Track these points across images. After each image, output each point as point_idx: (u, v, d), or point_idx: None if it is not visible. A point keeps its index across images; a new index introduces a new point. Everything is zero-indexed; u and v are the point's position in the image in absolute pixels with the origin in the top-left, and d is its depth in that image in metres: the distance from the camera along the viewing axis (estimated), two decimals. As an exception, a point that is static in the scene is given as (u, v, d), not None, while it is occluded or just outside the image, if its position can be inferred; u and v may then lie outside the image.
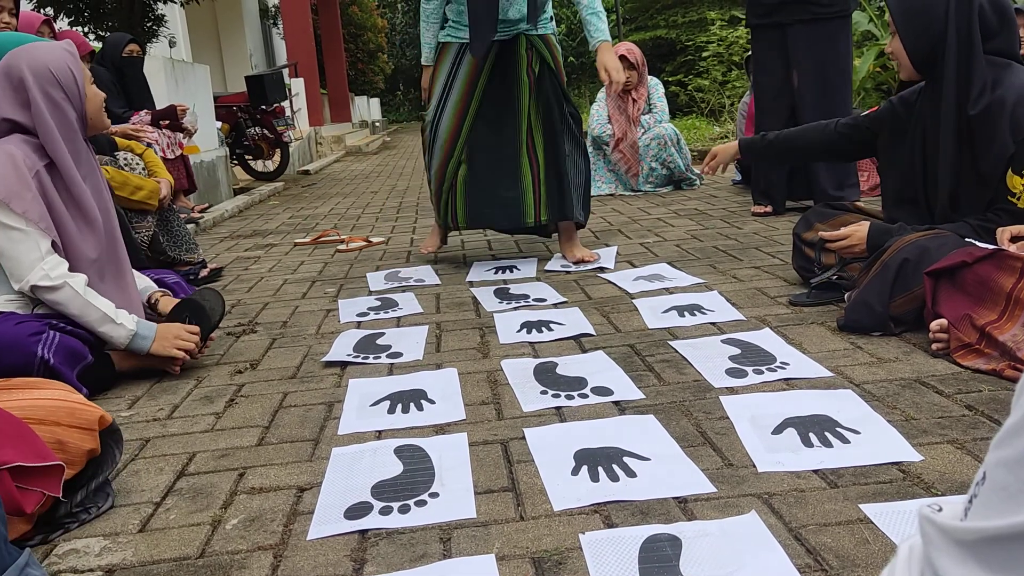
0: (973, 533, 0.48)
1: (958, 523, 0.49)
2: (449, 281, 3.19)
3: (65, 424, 1.42)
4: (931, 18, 2.22)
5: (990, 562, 0.46)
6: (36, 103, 2.06)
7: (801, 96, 3.92)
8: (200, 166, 6.12)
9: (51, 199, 2.08)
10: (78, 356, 2.04)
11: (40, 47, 2.14)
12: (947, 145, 2.24)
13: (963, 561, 0.48)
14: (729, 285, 2.77)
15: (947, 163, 2.25)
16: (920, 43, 2.26)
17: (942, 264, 1.95)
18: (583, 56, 24.69)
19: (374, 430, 1.75)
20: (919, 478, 1.38)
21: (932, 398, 1.70)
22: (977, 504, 0.49)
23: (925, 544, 0.53)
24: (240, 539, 1.35)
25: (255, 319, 2.82)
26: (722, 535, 1.23)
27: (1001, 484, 0.47)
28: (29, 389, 1.46)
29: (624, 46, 5.51)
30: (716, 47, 10.73)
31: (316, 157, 11.44)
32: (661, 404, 1.78)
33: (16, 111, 2.08)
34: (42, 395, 1.46)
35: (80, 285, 2.05)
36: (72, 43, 2.20)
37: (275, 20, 16.53)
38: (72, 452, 1.40)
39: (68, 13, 6.47)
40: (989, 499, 0.48)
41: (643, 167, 5.37)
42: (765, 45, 4.03)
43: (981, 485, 0.49)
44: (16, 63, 2.09)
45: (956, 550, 0.49)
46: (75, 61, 2.15)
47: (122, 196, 3.15)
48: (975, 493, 0.50)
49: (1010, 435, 0.48)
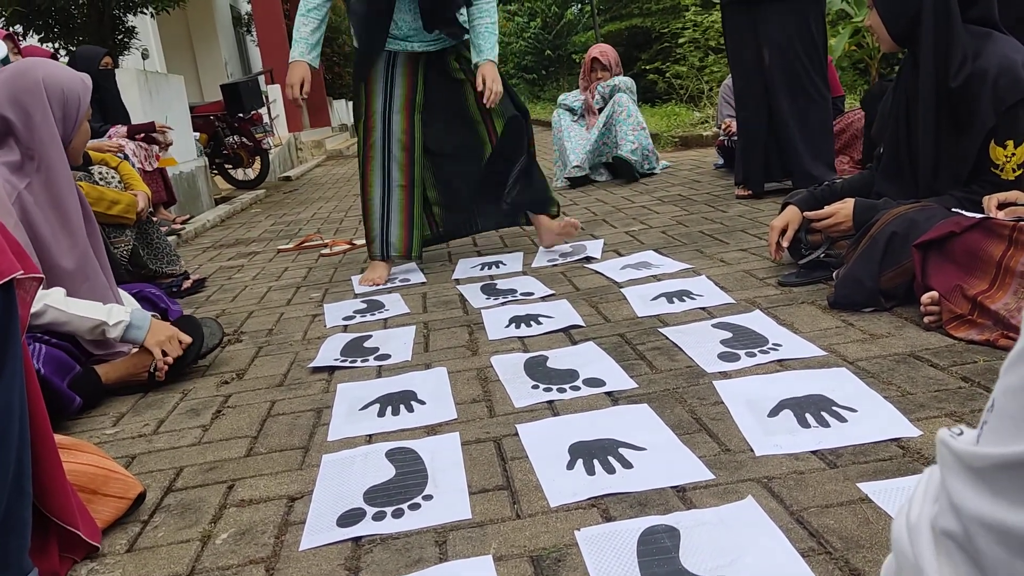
0: (982, 459, 0.49)
1: (970, 448, 0.50)
2: (435, 279, 3.15)
3: (101, 493, 1.42)
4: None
5: (998, 487, 0.47)
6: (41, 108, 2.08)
7: (771, 75, 3.86)
8: (180, 177, 6.06)
9: (33, 220, 2.05)
10: (66, 367, 2.02)
11: (62, 67, 2.21)
12: (928, 117, 2.22)
13: (973, 485, 0.49)
14: (717, 269, 2.75)
15: (929, 135, 2.23)
16: (897, 14, 2.24)
17: (930, 235, 1.93)
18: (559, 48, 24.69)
19: (364, 434, 1.72)
20: (919, 453, 1.36)
21: (927, 372, 1.68)
22: (987, 431, 0.50)
23: (940, 466, 0.54)
24: (231, 554, 1.31)
25: (240, 328, 2.77)
26: (720, 523, 1.20)
27: (1009, 412, 0.48)
28: (68, 451, 1.43)
29: (597, 48, 5.50)
30: (691, 33, 10.72)
31: (297, 163, 11.36)
32: (654, 392, 1.76)
33: (11, 110, 2.06)
34: (82, 459, 1.44)
35: (60, 301, 2.01)
36: (89, 79, 2.26)
37: (248, 28, 16.40)
38: (102, 522, 1.40)
39: (37, 29, 6.38)
40: (998, 426, 0.49)
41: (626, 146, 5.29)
42: (736, 25, 3.97)
43: (991, 412, 0.50)
44: (35, 69, 2.12)
45: (967, 474, 0.50)
46: (85, 95, 2.20)
47: (99, 211, 3.10)
48: (985, 420, 0.50)
49: (1014, 362, 0.49)
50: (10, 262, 1.05)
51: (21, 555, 1.11)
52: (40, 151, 2.07)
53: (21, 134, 2.07)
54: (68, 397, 1.98)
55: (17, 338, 1.07)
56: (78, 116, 2.18)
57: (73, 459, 1.40)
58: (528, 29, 25.67)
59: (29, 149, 2.07)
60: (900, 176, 2.37)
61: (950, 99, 2.17)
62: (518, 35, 26.39)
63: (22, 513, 1.11)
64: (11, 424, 1.07)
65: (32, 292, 1.15)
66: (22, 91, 2.07)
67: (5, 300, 1.05)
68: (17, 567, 1.10)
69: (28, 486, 1.12)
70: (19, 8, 6.14)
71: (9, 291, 1.06)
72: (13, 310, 1.07)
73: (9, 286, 1.06)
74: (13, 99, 2.06)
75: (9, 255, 1.06)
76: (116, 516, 1.44)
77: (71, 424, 2.00)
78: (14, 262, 1.06)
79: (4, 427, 1.06)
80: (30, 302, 1.15)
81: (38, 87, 2.08)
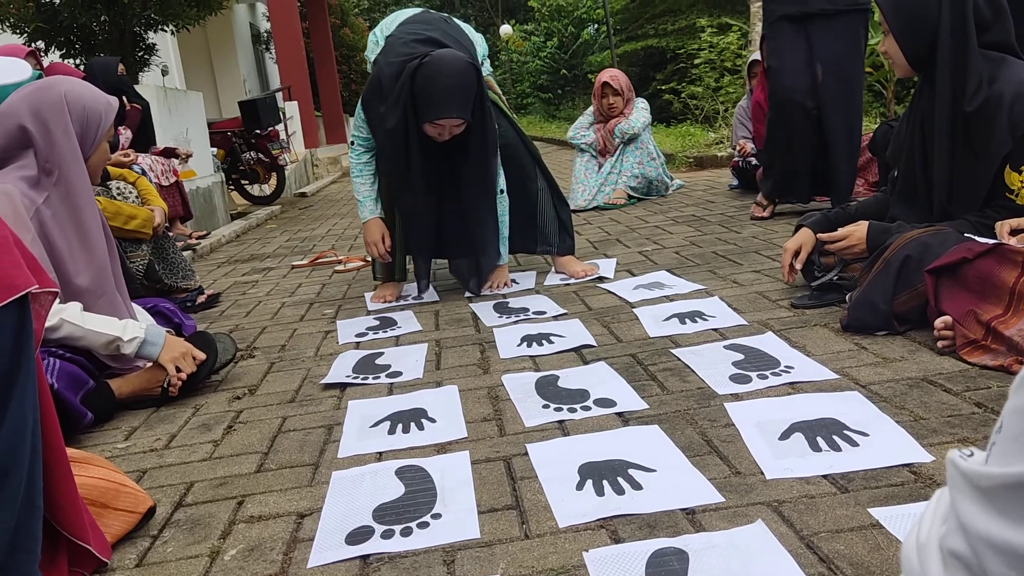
0: (989, 479, 0.49)
1: (978, 468, 0.50)
2: (448, 297, 3.16)
3: (112, 507, 1.43)
4: (923, 13, 2.19)
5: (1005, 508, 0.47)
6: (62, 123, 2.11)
7: (825, 89, 3.77)
8: (196, 192, 6.11)
9: (51, 235, 2.08)
10: (80, 381, 2.03)
11: (87, 86, 2.23)
12: (943, 142, 2.21)
13: (981, 506, 0.49)
14: (730, 290, 2.74)
15: (943, 160, 2.22)
16: (913, 39, 2.23)
17: (942, 261, 1.92)
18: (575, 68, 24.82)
19: (374, 452, 1.72)
20: (931, 479, 1.34)
21: (940, 397, 1.67)
22: (995, 452, 0.50)
23: (950, 487, 0.54)
24: (239, 570, 1.32)
25: (253, 344, 2.79)
26: (730, 546, 1.20)
27: (1015, 432, 0.48)
28: (79, 464, 1.43)
29: (608, 73, 5.48)
30: (708, 53, 10.75)
31: (312, 179, 11.44)
32: (665, 413, 1.75)
33: (32, 122, 2.09)
34: (93, 473, 1.45)
35: (76, 316, 2.03)
36: (116, 101, 2.29)
37: (267, 45, 16.58)
38: (111, 536, 1.41)
39: (59, 46, 6.48)
40: (1005, 447, 0.49)
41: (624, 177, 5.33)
42: (789, 42, 3.82)
43: (999, 433, 0.50)
44: (59, 84, 2.15)
45: (976, 495, 0.50)
46: (108, 115, 2.23)
47: (115, 226, 3.13)
48: (994, 441, 0.50)
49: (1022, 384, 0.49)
50: (25, 276, 1.07)
51: (31, 568, 1.11)
52: (60, 165, 2.10)
53: (40, 147, 2.09)
54: (80, 412, 1.99)
55: (31, 352, 1.08)
56: (98, 135, 2.20)
57: (84, 472, 1.41)
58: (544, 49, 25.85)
59: (48, 163, 2.10)
60: (915, 199, 2.36)
61: (966, 124, 2.16)
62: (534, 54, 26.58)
63: (32, 528, 1.11)
64: (24, 438, 1.08)
65: (47, 306, 1.17)
66: (44, 105, 2.10)
67: (20, 314, 1.06)
68: None
69: (39, 500, 1.13)
70: (41, 25, 6.23)
71: (24, 305, 1.07)
72: (28, 324, 1.08)
73: (24, 300, 1.07)
74: (35, 112, 2.09)
75: (24, 269, 1.07)
76: (126, 530, 1.44)
77: (83, 438, 2.01)
78: (29, 276, 1.07)
79: (17, 441, 1.07)
80: (45, 316, 1.16)
81: (60, 102, 2.11)
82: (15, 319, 1.05)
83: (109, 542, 1.39)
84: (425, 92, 2.76)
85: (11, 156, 2.09)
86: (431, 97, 2.76)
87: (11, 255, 1.06)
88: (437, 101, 2.75)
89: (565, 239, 3.29)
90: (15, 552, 1.08)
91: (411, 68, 2.77)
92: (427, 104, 2.77)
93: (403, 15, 3.09)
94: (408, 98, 2.79)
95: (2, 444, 1.05)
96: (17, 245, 1.09)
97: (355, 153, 3.08)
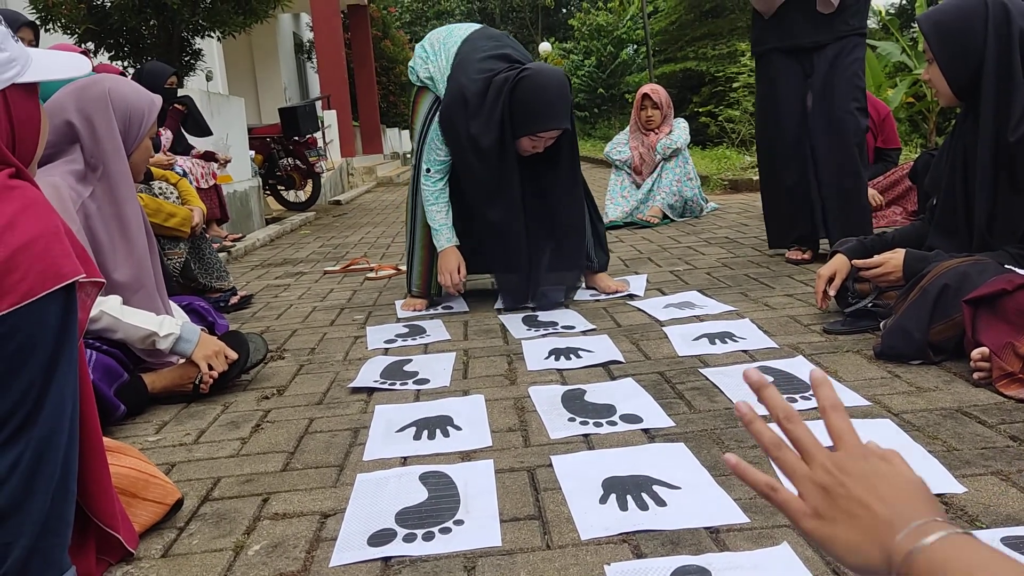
0: None
1: None
2: (477, 308, 3.17)
3: (141, 497, 1.45)
4: (969, 43, 2.18)
5: None
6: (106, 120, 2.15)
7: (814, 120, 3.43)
8: (233, 196, 6.20)
9: (94, 228, 2.12)
10: (114, 374, 2.07)
11: (131, 84, 2.28)
12: (985, 172, 2.19)
13: None
14: (761, 313, 2.72)
15: (985, 190, 2.20)
16: (958, 69, 2.21)
17: (981, 292, 1.90)
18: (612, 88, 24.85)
19: (399, 456, 1.73)
20: (962, 510, 1.32)
21: (974, 428, 1.64)
22: None
23: None
24: (262, 565, 1.33)
25: (283, 345, 2.82)
26: (753, 568, 1.18)
27: None
28: (112, 453, 1.45)
29: (649, 86, 5.51)
30: (747, 77, 10.71)
31: (347, 187, 11.55)
32: (692, 432, 1.74)
33: (78, 118, 2.14)
34: (125, 463, 1.47)
35: (116, 309, 2.07)
36: (159, 99, 2.33)
37: (309, 54, 16.82)
38: (139, 525, 1.43)
39: (108, 48, 6.61)
40: None
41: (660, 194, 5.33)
42: (783, 72, 3.49)
43: None
44: (103, 81, 2.19)
45: None
46: (151, 113, 2.26)
47: (155, 223, 3.19)
48: None
49: None
50: (74, 265, 1.09)
51: (61, 553, 1.13)
52: (104, 161, 2.15)
53: (86, 142, 2.14)
54: (113, 405, 2.02)
55: (74, 339, 1.11)
56: (140, 132, 2.24)
57: (116, 462, 1.43)
58: (582, 67, 25.92)
59: (93, 158, 2.15)
60: (954, 229, 2.33)
61: (1009, 154, 2.14)
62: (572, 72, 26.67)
63: (65, 512, 1.13)
64: (61, 423, 1.10)
65: (92, 296, 1.19)
66: (88, 101, 2.15)
67: (66, 301, 1.09)
68: (56, 565, 1.12)
69: (73, 486, 1.15)
70: (92, 27, 6.37)
71: (71, 293, 1.09)
72: (73, 311, 1.10)
73: (71, 289, 1.09)
74: (80, 108, 2.14)
75: (73, 258, 1.10)
76: (153, 521, 1.46)
77: (115, 429, 2.04)
78: (77, 265, 1.10)
79: (54, 426, 1.09)
80: (90, 306, 1.19)
81: (104, 99, 2.16)
82: (61, 307, 1.08)
83: (137, 532, 1.40)
84: (529, 105, 2.80)
85: (59, 151, 2.14)
86: (538, 110, 2.80)
87: (61, 244, 1.09)
88: (545, 113, 2.81)
89: (601, 255, 3.29)
90: (46, 535, 1.10)
91: (508, 82, 2.81)
92: (532, 117, 2.81)
93: (462, 30, 3.07)
94: (505, 113, 2.83)
95: (41, 429, 1.07)
96: (68, 235, 1.11)
97: (431, 181, 3.02)
